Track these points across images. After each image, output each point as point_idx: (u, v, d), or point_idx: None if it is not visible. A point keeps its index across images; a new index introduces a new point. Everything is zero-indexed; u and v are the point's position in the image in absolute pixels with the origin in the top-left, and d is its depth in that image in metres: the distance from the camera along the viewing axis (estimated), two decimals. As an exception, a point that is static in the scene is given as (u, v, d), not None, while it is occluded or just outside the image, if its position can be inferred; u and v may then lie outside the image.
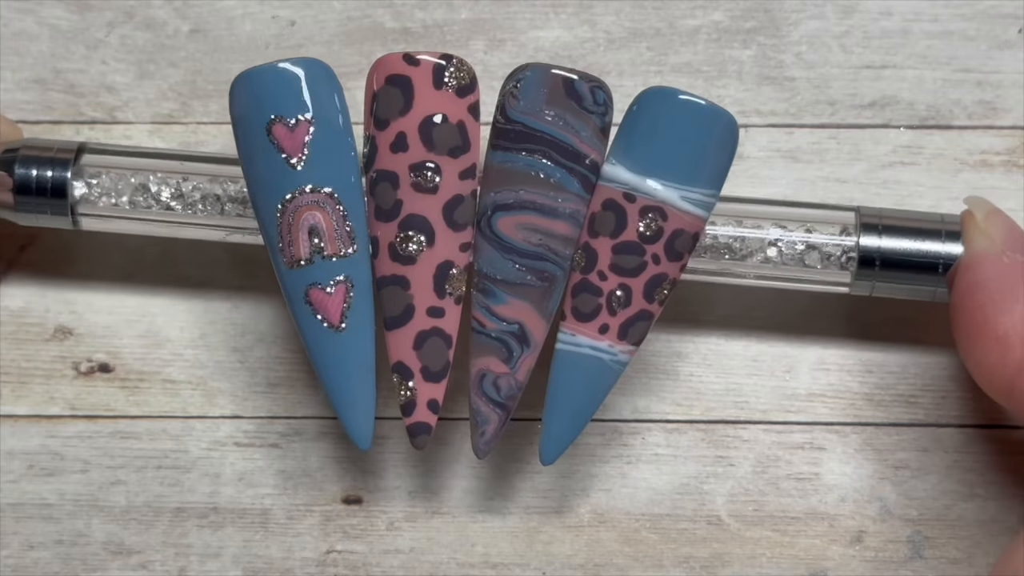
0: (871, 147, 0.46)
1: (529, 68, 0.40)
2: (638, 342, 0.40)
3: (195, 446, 0.45)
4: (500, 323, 0.40)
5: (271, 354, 0.45)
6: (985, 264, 0.40)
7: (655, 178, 0.39)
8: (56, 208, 0.42)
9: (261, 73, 0.39)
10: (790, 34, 0.46)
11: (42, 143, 0.43)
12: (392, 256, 0.40)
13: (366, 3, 0.47)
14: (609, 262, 0.40)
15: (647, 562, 0.44)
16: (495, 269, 0.40)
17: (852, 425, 0.44)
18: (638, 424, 0.45)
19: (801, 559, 0.44)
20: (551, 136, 0.39)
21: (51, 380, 0.45)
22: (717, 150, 0.40)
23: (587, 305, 0.40)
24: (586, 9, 0.46)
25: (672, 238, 0.40)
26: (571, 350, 0.40)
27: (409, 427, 0.40)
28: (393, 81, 0.39)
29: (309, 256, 0.39)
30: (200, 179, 0.42)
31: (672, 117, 0.39)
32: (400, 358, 0.40)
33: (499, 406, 0.40)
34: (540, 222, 0.39)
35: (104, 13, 0.46)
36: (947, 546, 0.44)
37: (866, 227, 0.42)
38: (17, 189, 0.42)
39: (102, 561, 0.44)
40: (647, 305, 0.40)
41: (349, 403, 0.40)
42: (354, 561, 0.44)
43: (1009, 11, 0.46)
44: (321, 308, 0.39)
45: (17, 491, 0.44)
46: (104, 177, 0.42)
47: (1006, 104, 0.46)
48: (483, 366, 0.40)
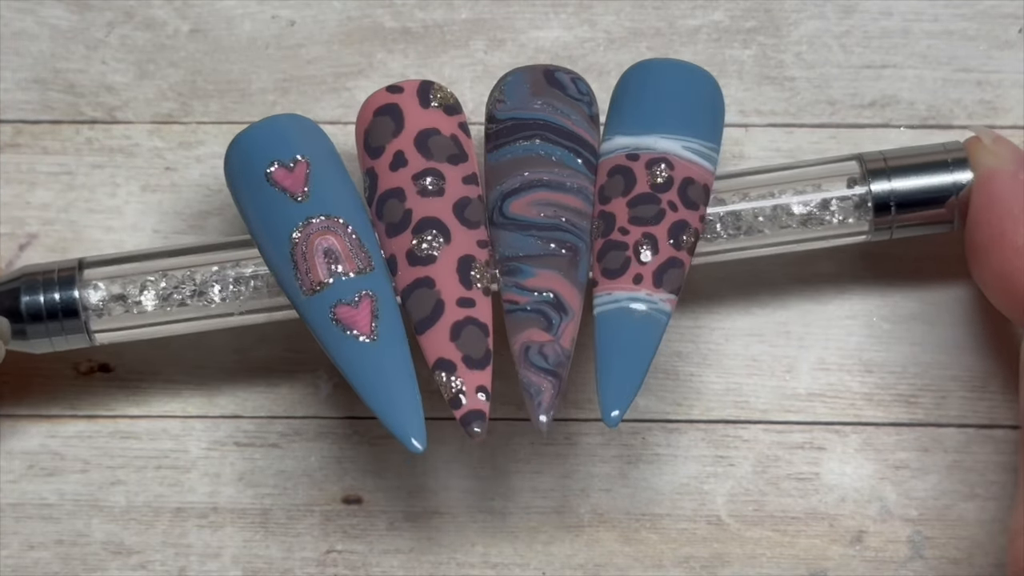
0: (871, 147, 0.46)
1: (510, 73, 0.41)
2: (675, 291, 0.39)
3: (195, 446, 0.45)
4: (533, 295, 0.39)
5: (271, 354, 0.45)
6: (1000, 179, 0.40)
7: (653, 133, 0.40)
8: (71, 328, 0.41)
9: (251, 131, 0.40)
10: (790, 34, 0.46)
11: (39, 268, 0.42)
12: (411, 262, 0.39)
13: (366, 3, 0.47)
14: (628, 216, 0.39)
15: (647, 562, 0.44)
16: (517, 248, 0.39)
17: (852, 425, 0.44)
18: (638, 424, 0.45)
19: (801, 559, 0.44)
20: (543, 120, 0.40)
21: (51, 380, 0.45)
22: (705, 103, 0.40)
23: (615, 261, 0.39)
24: (586, 9, 0.46)
25: (683, 186, 0.39)
26: (611, 308, 0.39)
27: (463, 417, 0.38)
28: (382, 111, 0.40)
29: (328, 278, 0.39)
30: (208, 269, 0.42)
31: (656, 79, 0.40)
32: (439, 354, 0.38)
33: (550, 373, 0.38)
34: (551, 196, 0.39)
35: (104, 13, 0.46)
36: (947, 546, 0.44)
37: (873, 173, 0.42)
38: (29, 318, 0.41)
39: (102, 561, 0.44)
40: (675, 252, 0.39)
41: (396, 409, 0.38)
42: (354, 561, 0.44)
43: (1009, 11, 0.46)
44: (350, 322, 0.39)
45: (17, 491, 0.44)
46: (111, 286, 0.41)
47: (1006, 104, 0.46)
48: (525, 339, 0.38)
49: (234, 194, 0.40)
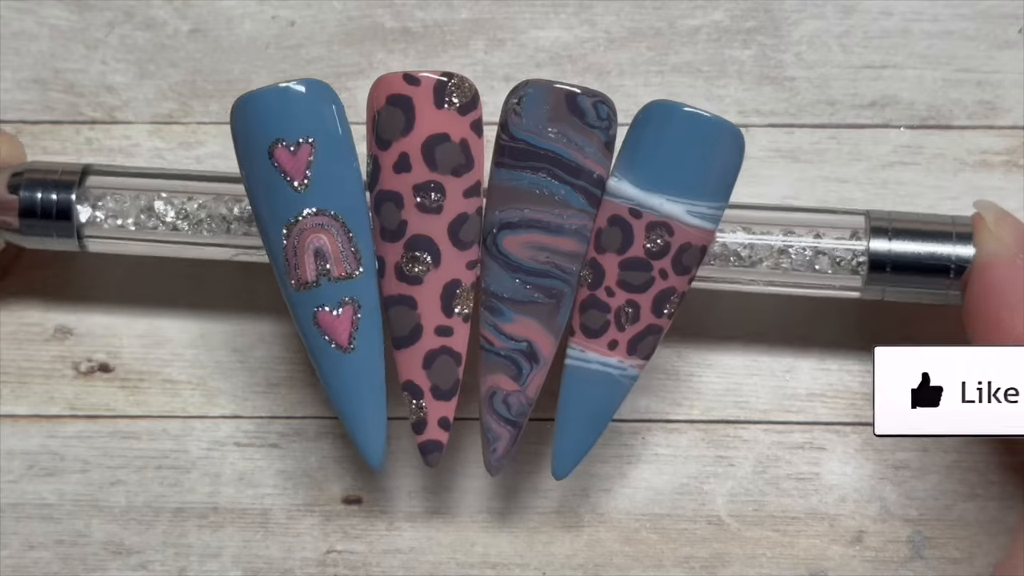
0: (871, 147, 0.46)
1: (531, 85, 0.39)
2: (647, 356, 0.40)
3: (195, 446, 0.45)
4: (508, 341, 0.40)
5: (271, 354, 0.45)
6: (999, 267, 0.40)
7: (661, 193, 0.39)
8: (62, 231, 0.42)
9: (261, 95, 0.39)
10: (790, 34, 0.46)
11: (47, 166, 0.43)
12: (399, 276, 0.40)
13: (366, 3, 0.47)
14: (616, 278, 0.40)
15: (647, 562, 0.44)
16: (502, 288, 0.40)
17: (852, 425, 0.44)
18: (638, 424, 0.45)
19: (801, 559, 0.44)
20: (554, 153, 0.39)
21: (51, 380, 0.45)
22: (723, 163, 0.39)
23: (595, 321, 0.40)
24: (586, 9, 0.46)
25: (679, 252, 0.39)
26: (581, 366, 0.40)
27: (421, 445, 0.40)
28: (394, 101, 0.39)
29: (316, 279, 0.39)
30: (205, 198, 0.42)
31: (677, 131, 0.39)
32: (410, 377, 0.40)
33: (510, 423, 0.40)
34: (546, 240, 0.39)
35: (104, 13, 0.46)
36: (947, 546, 0.44)
37: (876, 231, 0.41)
38: (22, 212, 0.42)
39: (102, 561, 0.44)
40: (655, 320, 0.40)
41: (360, 423, 0.40)
42: (354, 561, 0.44)
43: (1009, 11, 0.46)
44: (329, 331, 0.40)
45: (17, 491, 0.44)
46: (109, 198, 0.42)
47: (1006, 104, 0.46)
48: (493, 384, 0.40)
49: (237, 152, 0.40)
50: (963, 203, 0.45)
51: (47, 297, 0.45)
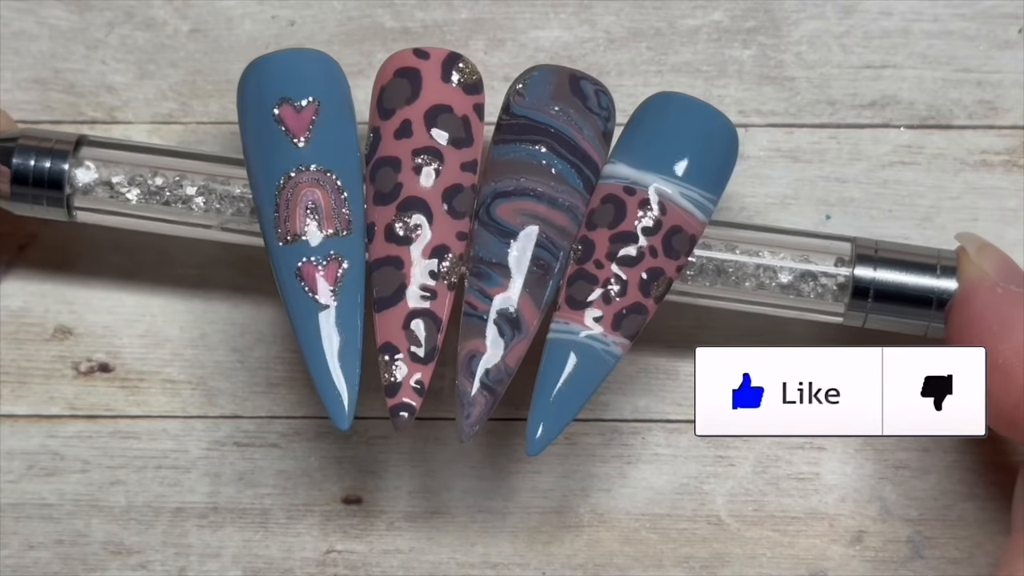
0: (871, 147, 0.46)
1: (537, 68, 0.40)
2: (632, 336, 0.40)
3: (195, 446, 0.45)
4: (493, 303, 0.39)
5: (271, 354, 0.45)
6: (980, 295, 0.40)
7: (655, 173, 0.40)
8: (52, 200, 0.42)
9: (276, 57, 0.40)
10: (790, 34, 0.46)
11: (41, 133, 0.43)
12: (388, 237, 0.39)
13: (366, 3, 0.47)
14: (606, 251, 0.40)
15: (647, 562, 0.44)
16: (491, 253, 0.39)
17: (852, 425, 0.44)
18: (638, 424, 0.45)
19: (801, 559, 0.44)
20: (554, 128, 0.39)
21: (51, 380, 0.45)
22: (718, 153, 0.40)
23: (582, 293, 0.39)
24: (586, 9, 0.46)
25: (670, 233, 0.40)
26: (563, 337, 0.39)
27: (392, 407, 0.38)
28: (402, 73, 0.40)
29: (304, 232, 0.39)
30: (198, 177, 0.42)
31: (675, 115, 0.40)
32: (388, 338, 0.39)
33: (486, 389, 0.39)
34: (539, 209, 0.39)
35: (104, 13, 0.46)
36: (947, 546, 0.44)
37: (861, 258, 0.41)
38: (14, 179, 0.42)
39: (102, 561, 0.44)
40: (642, 298, 0.40)
41: (331, 382, 0.38)
42: (354, 561, 0.44)
43: (1009, 11, 0.46)
44: (311, 283, 0.39)
45: (17, 491, 0.44)
46: (102, 170, 0.42)
47: (1006, 104, 0.46)
48: (472, 348, 0.39)
49: (240, 117, 0.40)
50: (963, 203, 0.45)
51: (47, 297, 0.45)
